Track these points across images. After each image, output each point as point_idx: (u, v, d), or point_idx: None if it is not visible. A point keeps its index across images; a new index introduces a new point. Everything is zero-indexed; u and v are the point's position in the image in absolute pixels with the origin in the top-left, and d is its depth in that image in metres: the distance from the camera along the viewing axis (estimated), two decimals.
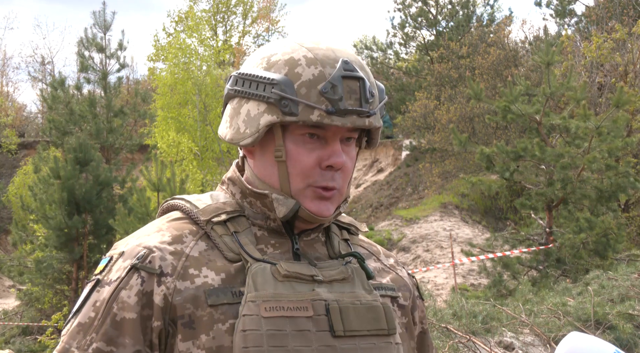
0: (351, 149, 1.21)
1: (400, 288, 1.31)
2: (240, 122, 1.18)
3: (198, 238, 1.18)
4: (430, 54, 24.85)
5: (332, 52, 1.17)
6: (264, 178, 1.20)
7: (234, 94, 1.20)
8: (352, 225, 1.33)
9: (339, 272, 1.19)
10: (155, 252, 1.14)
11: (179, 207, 1.25)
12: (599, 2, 21.14)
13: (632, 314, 5.68)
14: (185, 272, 1.13)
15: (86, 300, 1.15)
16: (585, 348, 1.25)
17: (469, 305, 6.14)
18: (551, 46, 10.52)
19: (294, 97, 1.12)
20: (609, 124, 9.61)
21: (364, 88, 1.15)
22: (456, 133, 10.96)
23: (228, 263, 1.16)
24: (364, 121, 1.16)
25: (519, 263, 10.15)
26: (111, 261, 1.17)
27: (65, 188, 13.00)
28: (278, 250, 1.20)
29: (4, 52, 43.26)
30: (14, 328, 14.47)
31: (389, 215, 18.14)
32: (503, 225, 15.78)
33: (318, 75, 1.14)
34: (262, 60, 1.19)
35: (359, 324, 1.15)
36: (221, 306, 1.11)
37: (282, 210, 1.17)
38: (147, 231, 1.20)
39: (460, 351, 5.16)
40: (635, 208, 14.67)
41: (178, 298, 1.11)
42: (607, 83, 16.51)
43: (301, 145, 1.16)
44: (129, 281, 1.12)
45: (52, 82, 19.89)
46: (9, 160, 27.52)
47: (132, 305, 1.11)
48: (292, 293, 1.13)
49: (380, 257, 1.36)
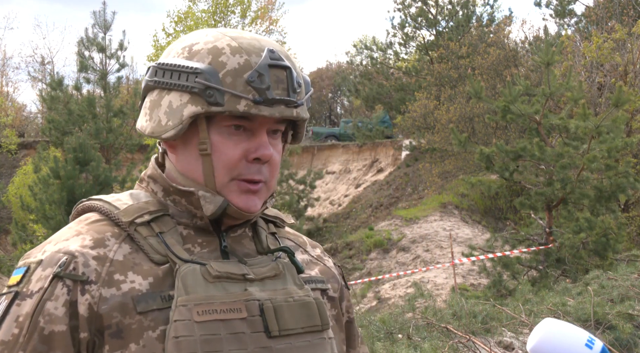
0: (278, 142, 1.17)
1: (329, 279, 1.29)
2: (162, 114, 1.12)
3: (121, 241, 1.11)
4: (430, 54, 24.86)
5: (256, 41, 1.13)
6: (187, 174, 1.15)
7: (154, 85, 1.14)
8: (277, 218, 1.29)
9: (269, 268, 1.15)
10: (78, 258, 1.06)
11: (97, 208, 1.16)
12: (599, 2, 21.15)
13: (632, 314, 5.68)
14: (111, 278, 1.06)
15: (5, 316, 1.05)
16: (558, 333, 1.25)
17: (468, 305, 6.14)
18: (551, 46, 10.52)
19: (219, 86, 1.07)
20: (608, 123, 9.61)
21: (291, 77, 1.11)
22: (456, 133, 10.96)
23: (155, 266, 1.09)
24: (292, 111, 1.12)
25: (519, 263, 10.15)
26: (29, 271, 1.07)
27: (65, 188, 13.01)
28: (206, 249, 1.15)
29: (4, 52, 43.26)
30: None
31: (389, 215, 18.14)
32: (503, 225, 15.78)
33: (244, 64, 1.09)
34: (184, 49, 1.13)
35: (294, 322, 1.12)
36: (151, 312, 1.05)
37: (210, 208, 1.12)
38: (65, 235, 1.11)
39: (460, 351, 5.16)
40: (635, 208, 14.67)
41: (104, 306, 1.04)
42: (607, 83, 16.51)
43: (227, 137, 1.11)
44: (53, 291, 1.04)
45: (51, 82, 19.88)
46: (9, 160, 27.51)
47: (60, 316, 1.03)
48: (224, 294, 1.08)
49: (307, 248, 1.32)
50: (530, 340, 1.26)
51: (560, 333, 1.25)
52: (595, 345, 1.23)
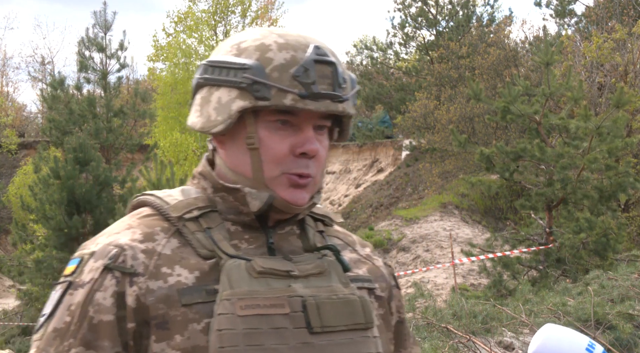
0: (324, 138, 1.18)
1: (377, 279, 1.30)
2: (211, 110, 1.15)
3: (170, 236, 1.15)
4: (430, 54, 24.86)
5: (302, 38, 1.16)
6: (236, 168, 1.17)
7: (204, 83, 1.17)
8: (326, 217, 1.31)
9: (314, 266, 1.17)
10: (128, 251, 1.11)
11: (150, 203, 1.21)
12: (599, 2, 21.15)
13: (632, 314, 5.68)
14: (158, 270, 1.10)
15: (59, 304, 1.11)
16: (559, 339, 1.26)
17: (469, 305, 6.14)
18: (551, 46, 10.52)
19: (266, 81, 1.10)
20: (609, 124, 9.61)
21: (336, 73, 1.14)
22: (455, 134, 10.95)
23: (202, 261, 1.13)
24: (337, 106, 1.14)
25: (519, 263, 10.15)
26: (82, 262, 1.13)
27: (65, 188, 13.00)
28: (252, 245, 1.17)
29: (4, 52, 43.37)
30: (14, 328, 14.48)
31: (389, 215, 18.13)
32: (503, 225, 15.78)
33: (290, 60, 1.12)
34: (232, 47, 1.16)
35: (336, 319, 1.13)
36: (195, 305, 1.09)
37: (256, 203, 1.15)
38: (117, 229, 1.17)
39: (460, 351, 5.17)
40: (635, 208, 14.68)
41: (151, 298, 1.08)
42: (607, 83, 16.51)
43: (274, 132, 1.14)
44: (103, 282, 1.09)
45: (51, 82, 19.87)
46: (9, 160, 27.54)
47: (109, 307, 1.08)
48: (267, 290, 1.10)
49: (356, 247, 1.34)
50: (532, 345, 1.27)
51: (560, 338, 1.25)
52: (595, 350, 1.24)
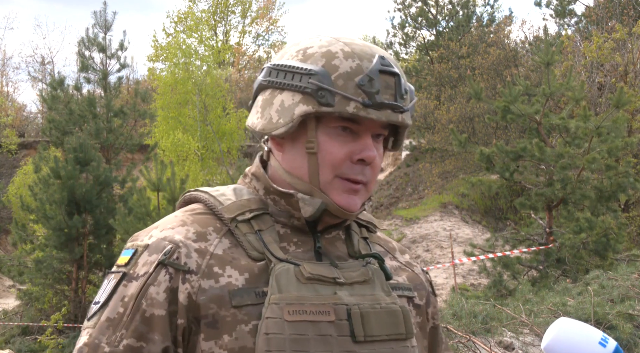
0: (380, 147, 1.21)
1: (416, 287, 1.32)
2: (273, 112, 1.17)
3: (222, 236, 1.17)
4: (430, 54, 24.86)
5: (368, 48, 1.18)
6: (293, 171, 1.19)
7: (267, 85, 1.19)
8: (370, 223, 1.33)
9: (360, 274, 1.19)
10: (182, 248, 1.13)
11: (203, 200, 1.23)
12: (599, 2, 21.15)
13: (632, 314, 5.68)
14: (210, 270, 1.12)
15: (113, 294, 1.13)
16: (572, 332, 1.26)
17: (469, 305, 6.14)
18: (551, 46, 10.51)
19: (331, 88, 1.12)
20: (609, 124, 9.61)
21: (400, 84, 1.16)
22: (455, 133, 10.95)
23: (252, 262, 1.15)
24: (398, 117, 1.16)
25: (519, 263, 10.15)
26: (136, 254, 1.15)
27: (65, 188, 13.00)
28: (300, 249, 1.19)
29: (4, 52, 43.32)
30: (14, 328, 14.48)
31: (389, 215, 18.13)
32: (503, 225, 15.78)
33: (355, 68, 1.14)
34: (298, 52, 1.18)
35: (379, 329, 1.15)
36: (245, 307, 1.11)
37: (309, 210, 1.17)
38: (171, 223, 1.18)
39: (460, 351, 5.17)
40: (635, 208, 14.68)
41: (202, 297, 1.10)
42: (607, 83, 16.51)
43: (334, 137, 1.16)
44: (157, 277, 1.11)
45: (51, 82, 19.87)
46: (9, 160, 27.53)
47: (161, 301, 1.10)
48: (314, 296, 1.12)
49: (396, 254, 1.36)
50: (545, 338, 1.28)
51: (573, 332, 1.25)
52: (608, 344, 1.24)
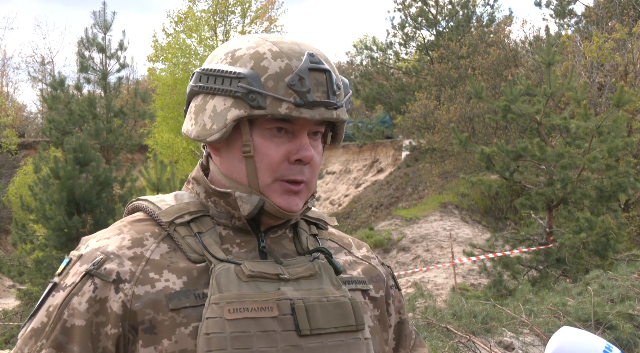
0: (318, 143, 1.20)
1: (371, 279, 1.31)
2: (206, 118, 1.16)
3: (160, 241, 1.16)
4: (430, 54, 24.86)
5: (296, 45, 1.16)
6: (231, 175, 1.18)
7: (198, 90, 1.17)
8: (320, 220, 1.32)
9: (305, 268, 1.18)
10: (113, 259, 1.12)
11: (142, 208, 1.23)
12: (599, 2, 21.14)
13: (632, 314, 5.68)
14: (145, 276, 1.11)
15: (42, 304, 1.13)
16: (575, 342, 1.25)
17: (469, 305, 6.13)
18: (552, 46, 10.51)
19: (261, 90, 1.11)
20: (609, 123, 9.61)
21: (331, 80, 1.14)
22: (456, 132, 10.95)
23: (191, 265, 1.14)
24: (332, 113, 1.15)
25: (519, 263, 10.15)
26: (69, 264, 1.15)
27: (65, 188, 12.99)
28: (244, 249, 1.19)
29: (4, 52, 43.37)
30: (14, 328, 14.47)
31: (389, 215, 18.13)
32: (503, 225, 15.78)
33: (285, 68, 1.12)
34: (227, 55, 1.17)
35: (326, 322, 1.15)
36: (183, 309, 1.10)
37: (247, 208, 1.16)
38: (108, 233, 1.18)
39: (460, 351, 5.16)
40: (635, 208, 14.67)
41: (137, 304, 1.09)
42: (607, 83, 16.51)
43: (269, 139, 1.15)
44: (82, 287, 1.10)
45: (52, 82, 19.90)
46: (9, 160, 27.53)
47: (82, 311, 1.09)
48: (256, 293, 1.12)
49: (352, 249, 1.35)
50: (548, 348, 1.26)
51: (577, 341, 1.25)
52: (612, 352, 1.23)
